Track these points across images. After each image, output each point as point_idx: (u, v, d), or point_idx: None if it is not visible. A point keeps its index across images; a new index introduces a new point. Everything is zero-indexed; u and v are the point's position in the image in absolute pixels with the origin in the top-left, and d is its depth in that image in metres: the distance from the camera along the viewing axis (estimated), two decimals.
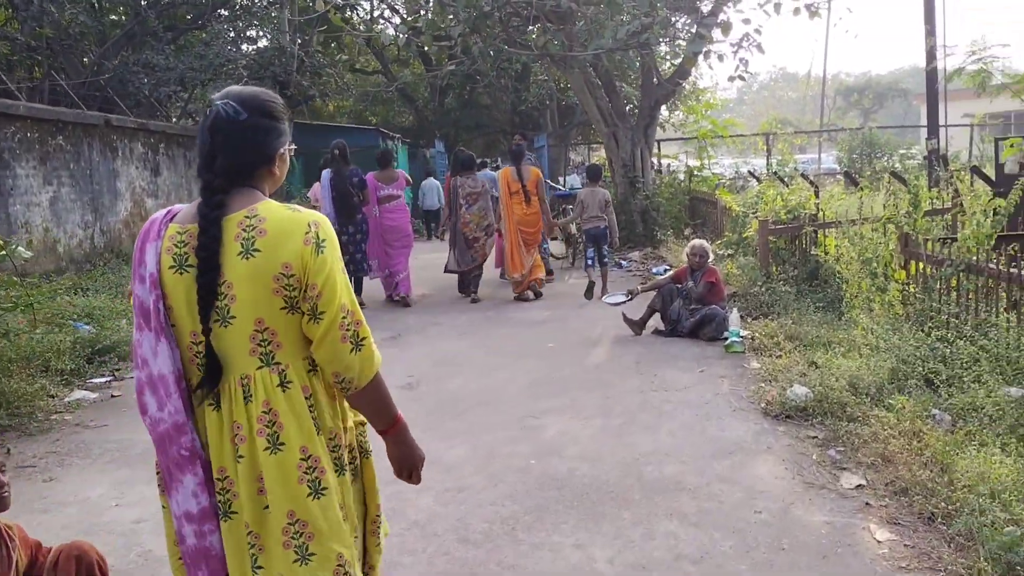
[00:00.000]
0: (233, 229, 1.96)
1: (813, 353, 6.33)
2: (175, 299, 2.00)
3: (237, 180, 2.01)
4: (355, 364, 2.02)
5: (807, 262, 9.05)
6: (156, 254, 2.01)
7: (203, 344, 1.99)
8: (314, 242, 1.97)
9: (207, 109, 2.05)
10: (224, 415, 2.02)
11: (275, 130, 2.07)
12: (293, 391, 2.02)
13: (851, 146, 27.45)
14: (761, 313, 8.06)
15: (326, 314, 1.97)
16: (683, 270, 7.97)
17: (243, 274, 1.95)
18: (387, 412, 2.16)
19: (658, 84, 14.42)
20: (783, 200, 9.98)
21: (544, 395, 6.03)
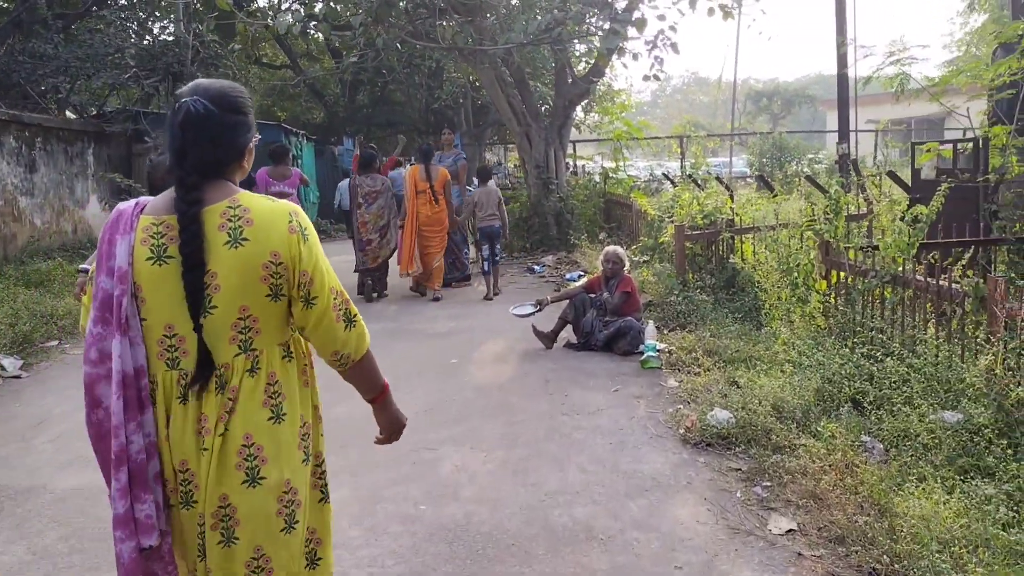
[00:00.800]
0: (215, 219, 1.97)
1: (734, 371, 5.89)
2: (150, 291, 1.98)
3: (210, 174, 2.02)
4: (351, 340, 2.13)
5: (724, 269, 8.68)
6: (129, 247, 1.98)
7: (178, 338, 1.99)
8: (298, 231, 2.03)
9: (175, 105, 2.03)
10: (190, 408, 2.00)
11: (244, 125, 2.10)
12: (258, 377, 2.03)
13: (761, 150, 27.67)
14: (678, 324, 7.62)
15: (319, 299, 2.05)
16: (597, 279, 7.46)
17: (230, 263, 1.95)
18: (377, 381, 2.27)
19: (572, 83, 13.95)
20: (699, 204, 9.60)
21: (441, 422, 5.40)
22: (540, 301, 7.53)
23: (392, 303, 9.97)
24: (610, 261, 7.23)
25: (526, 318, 7.51)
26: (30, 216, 13.53)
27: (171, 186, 2.03)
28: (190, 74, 16.84)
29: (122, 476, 1.97)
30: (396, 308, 9.63)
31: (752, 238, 8.84)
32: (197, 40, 16.82)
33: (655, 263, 9.35)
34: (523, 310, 7.56)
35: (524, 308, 7.59)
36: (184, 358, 2.01)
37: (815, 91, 56.59)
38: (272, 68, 31.06)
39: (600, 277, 7.39)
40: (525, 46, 11.28)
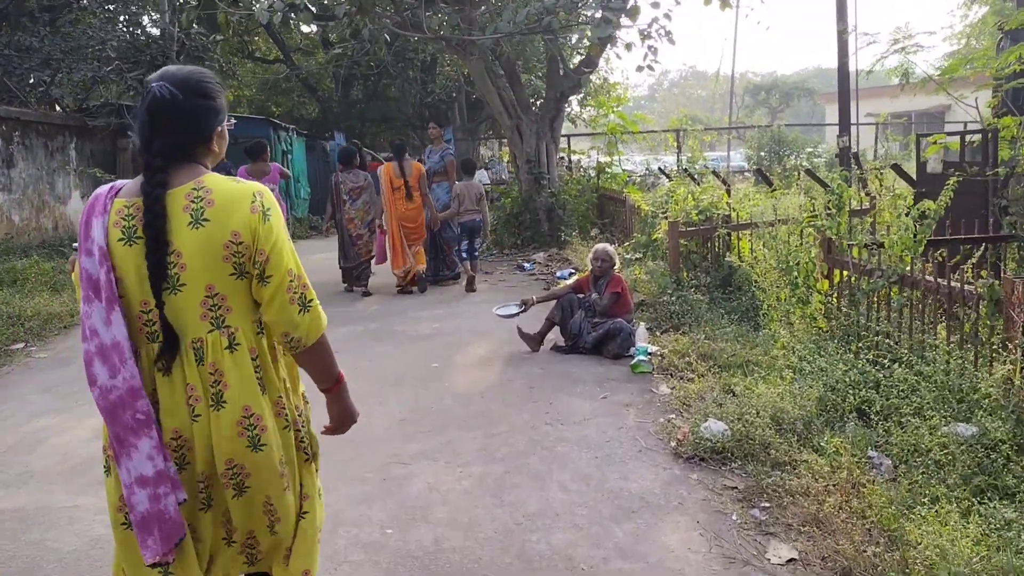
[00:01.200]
0: (180, 201, 2.04)
1: (730, 377, 5.54)
2: (124, 270, 2.05)
3: (176, 158, 2.08)
4: (303, 324, 2.14)
5: (720, 267, 8.32)
6: (104, 228, 2.06)
7: (153, 313, 2.06)
8: (260, 211, 2.08)
9: (144, 91, 2.09)
10: (176, 379, 2.09)
11: (211, 109, 2.14)
12: (240, 352, 2.11)
13: (760, 143, 27.32)
14: (671, 325, 7.26)
15: (273, 277, 2.09)
16: (586, 278, 7.10)
17: (193, 243, 2.02)
18: (331, 371, 2.30)
19: (564, 74, 13.57)
20: (694, 199, 9.24)
21: (417, 433, 5.04)
22: (525, 301, 7.17)
23: (375, 302, 9.61)
24: (599, 259, 6.86)
25: (511, 319, 7.15)
26: (7, 212, 13.15)
27: None
28: None
29: (153, 434, 2.04)
30: (379, 308, 9.27)
31: (750, 235, 8.48)
32: (183, 32, 16.43)
33: (648, 261, 8.99)
34: (507, 310, 7.19)
35: (508, 308, 7.22)
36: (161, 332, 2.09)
37: (814, 84, 56.17)
38: (265, 62, 30.65)
39: (589, 276, 7.03)
40: (514, 36, 10.90)
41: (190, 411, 2.10)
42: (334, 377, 2.32)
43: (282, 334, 2.15)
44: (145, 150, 2.06)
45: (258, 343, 2.17)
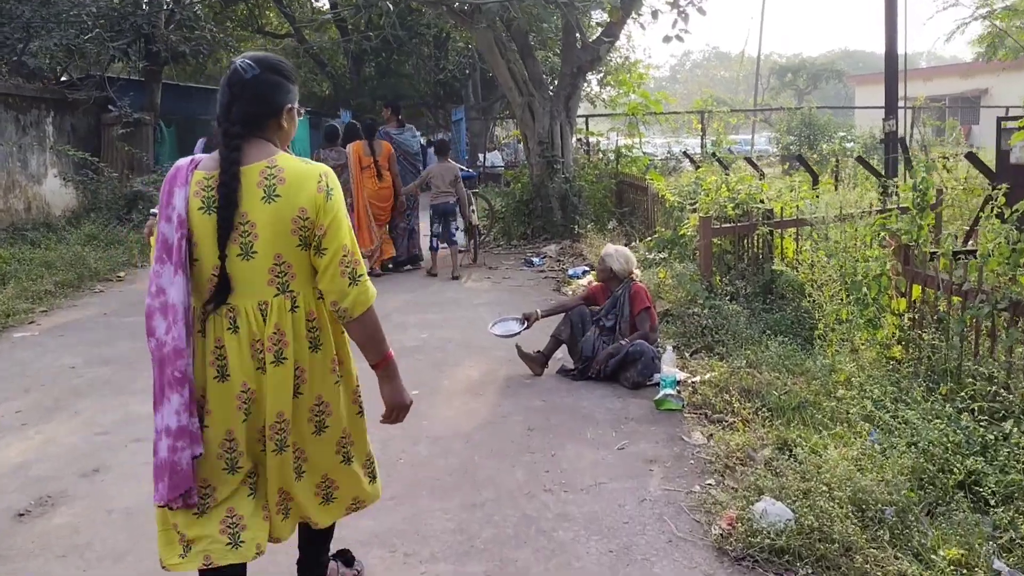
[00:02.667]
0: (255, 177, 2.26)
1: (784, 425, 4.31)
2: (201, 236, 2.26)
3: (250, 127, 2.31)
4: (351, 295, 2.33)
5: (760, 272, 7.07)
6: (184, 198, 2.26)
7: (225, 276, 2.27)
8: (325, 190, 2.30)
9: (228, 67, 2.35)
10: (243, 336, 2.29)
11: (282, 86, 2.37)
12: (299, 314, 2.34)
13: (789, 127, 25.84)
14: (703, 344, 6.03)
15: (328, 250, 2.30)
16: (599, 286, 5.87)
17: (266, 216, 2.25)
18: (379, 345, 2.45)
19: (582, 47, 12.26)
20: (729, 191, 7.97)
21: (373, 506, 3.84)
22: (528, 316, 5.93)
23: None
24: (619, 260, 5.63)
25: (510, 339, 5.90)
26: None
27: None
28: (162, 36, 15.27)
29: (185, 392, 2.23)
30: None
31: (795, 234, 7.22)
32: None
33: (673, 261, 7.72)
34: (505, 328, 5.94)
35: (507, 325, 5.97)
36: (231, 295, 2.29)
37: (842, 66, 54.34)
38: (275, 37, 29.51)
39: (603, 285, 5.81)
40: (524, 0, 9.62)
41: (255, 364, 2.30)
42: (383, 353, 2.46)
43: (332, 303, 2.34)
44: (224, 118, 2.29)
45: (316, 307, 2.38)
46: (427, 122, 33.87)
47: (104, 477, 4.13)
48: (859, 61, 76.82)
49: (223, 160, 2.24)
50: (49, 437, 4.70)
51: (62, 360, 6.30)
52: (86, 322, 7.60)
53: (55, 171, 14.06)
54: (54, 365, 6.17)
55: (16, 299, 8.07)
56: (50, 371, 6.02)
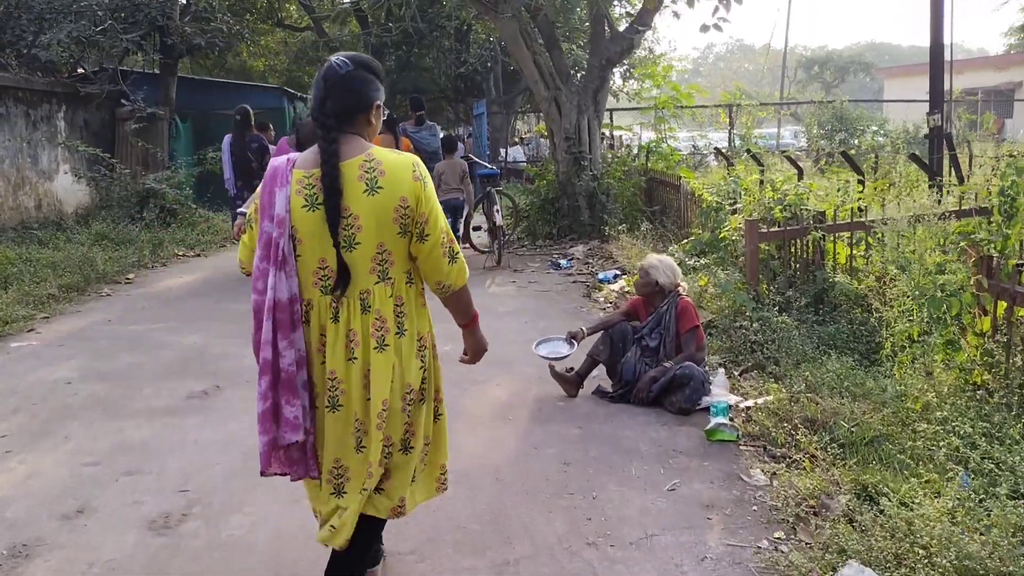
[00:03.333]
0: (355, 171, 2.38)
1: (860, 465, 3.77)
2: (305, 233, 2.39)
3: (343, 121, 2.43)
4: (452, 272, 2.56)
5: (811, 281, 6.51)
6: (286, 197, 2.39)
7: (329, 269, 2.41)
8: (421, 179, 2.43)
9: (323, 64, 2.48)
10: (341, 325, 2.43)
11: (373, 83, 2.50)
12: (393, 299, 2.48)
13: (819, 120, 25.08)
14: (753, 362, 5.48)
15: (431, 236, 2.46)
16: (640, 300, 5.34)
17: (369, 208, 2.37)
18: (469, 310, 2.74)
19: (611, 38, 11.70)
20: (774, 191, 7.40)
21: (389, 556, 3.33)
22: (574, 335, 5.30)
23: None
24: (640, 277, 5.09)
25: (559, 361, 5.33)
26: None
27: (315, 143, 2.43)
28: (177, 28, 14.84)
29: (263, 382, 2.38)
30: None
31: (849, 238, 6.66)
32: None
33: (715, 268, 7.16)
34: (552, 349, 5.31)
35: (555, 346, 5.33)
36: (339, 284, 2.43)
37: (869, 58, 53.25)
38: (295, 30, 29.14)
39: (645, 298, 5.27)
40: None
41: (348, 353, 2.42)
42: (471, 315, 2.74)
43: (436, 282, 2.56)
44: (319, 112, 2.42)
45: (405, 291, 2.52)
46: (448, 116, 33.40)
47: (87, 521, 3.65)
48: (885, 54, 75.68)
49: (324, 155, 2.36)
50: (33, 469, 4.23)
51: (57, 374, 5.85)
52: (88, 330, 7.16)
53: (67, 167, 13.69)
54: (48, 380, 5.72)
55: (16, 304, 7.65)
56: (43, 387, 5.57)
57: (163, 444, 4.50)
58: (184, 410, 5.05)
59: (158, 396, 5.32)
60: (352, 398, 2.43)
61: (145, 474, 4.10)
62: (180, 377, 5.72)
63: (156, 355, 6.30)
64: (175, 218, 12.58)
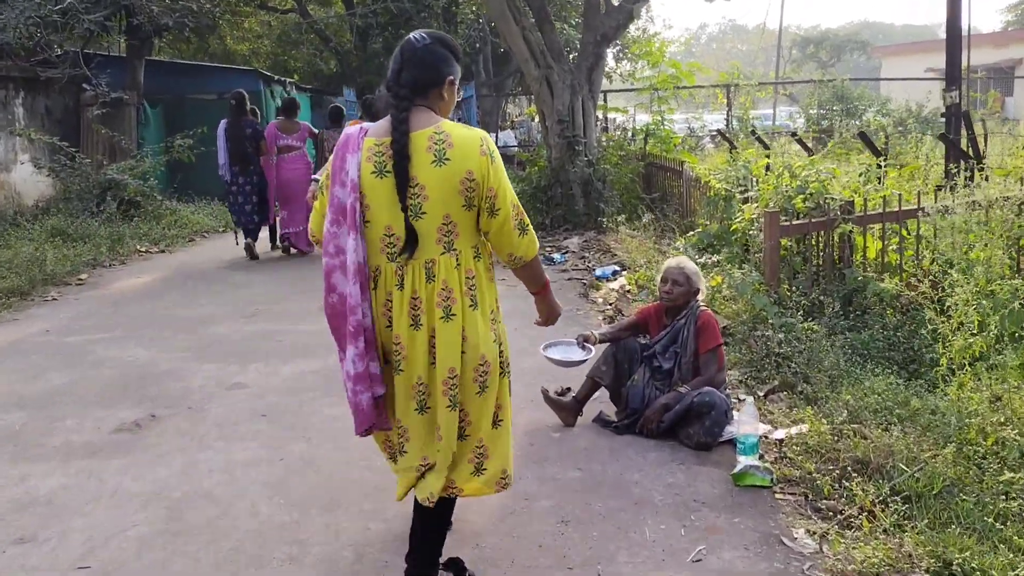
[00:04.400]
0: (424, 142, 2.44)
1: (934, 526, 3.00)
2: (374, 199, 2.48)
3: (416, 93, 2.50)
4: (523, 244, 2.62)
5: (839, 280, 5.73)
6: (357, 164, 2.48)
7: (395, 236, 2.47)
8: (488, 153, 2.48)
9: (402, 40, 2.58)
10: (406, 293, 2.49)
11: (448, 59, 2.57)
12: (460, 272, 2.52)
13: (819, 100, 24.27)
14: (780, 381, 4.70)
15: (501, 210, 2.52)
16: (652, 309, 4.52)
17: (435, 179, 2.43)
18: (541, 279, 2.82)
19: (606, 11, 10.85)
20: (793, 177, 6.60)
21: None
22: (587, 338, 4.33)
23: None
24: (676, 282, 4.27)
25: (573, 367, 4.37)
26: None
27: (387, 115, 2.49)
28: (144, 7, 13.90)
29: (360, 343, 2.48)
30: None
31: (880, 230, 5.89)
32: None
33: (728, 266, 6.35)
34: (565, 353, 4.33)
35: (567, 350, 4.34)
36: (400, 254, 2.49)
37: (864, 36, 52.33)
38: (279, 12, 28.15)
39: (655, 308, 4.46)
40: None
41: (410, 320, 2.48)
42: (543, 283, 2.83)
43: (507, 254, 2.62)
44: (394, 83, 2.50)
45: (474, 265, 2.55)
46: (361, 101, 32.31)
47: None
48: (879, 32, 74.74)
49: (395, 122, 2.43)
50: None
51: None
52: (21, 343, 6.33)
53: (26, 157, 12.80)
54: None
55: None
56: None
57: (73, 498, 3.69)
58: (108, 449, 4.24)
59: (81, 429, 4.51)
60: (415, 362, 2.50)
61: (40, 542, 3.30)
62: (112, 403, 4.91)
63: (91, 374, 5.48)
64: (139, 211, 11.70)
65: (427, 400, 2.55)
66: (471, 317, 2.51)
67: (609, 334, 4.46)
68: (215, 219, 12.95)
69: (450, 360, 2.48)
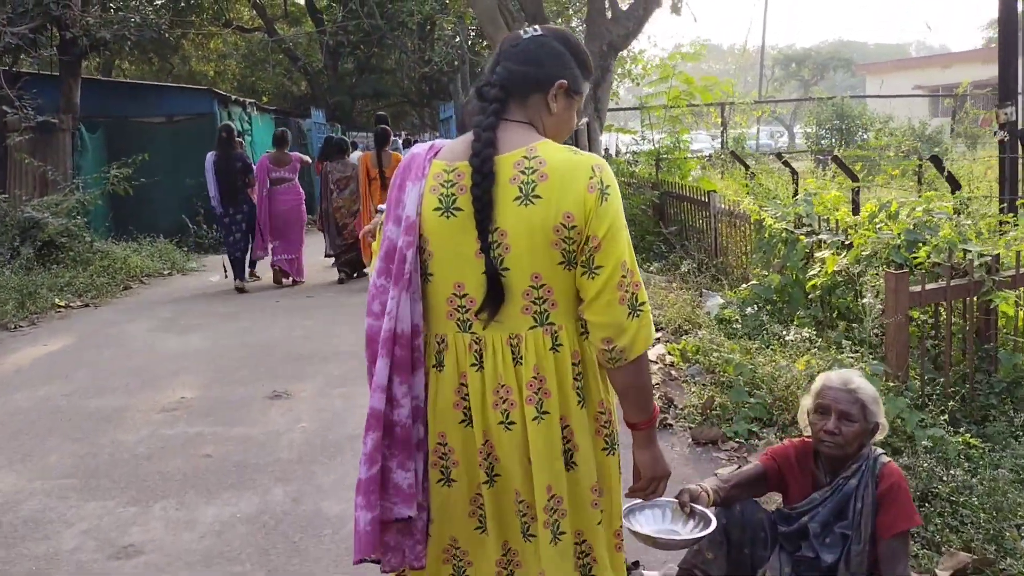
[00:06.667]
0: (509, 170, 1.75)
1: None
2: (438, 245, 1.80)
3: (511, 95, 1.81)
4: (630, 330, 1.77)
5: (987, 363, 4.11)
6: (418, 196, 1.81)
7: (468, 298, 1.80)
8: (598, 188, 1.74)
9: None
10: (487, 376, 1.80)
11: (563, 57, 1.85)
12: (562, 355, 1.80)
13: (819, 119, 22.94)
14: (963, 546, 3.05)
15: (604, 269, 1.74)
16: (789, 452, 2.77)
17: (520, 222, 1.72)
18: (647, 399, 1.88)
19: (613, 17, 9.28)
20: (890, 219, 4.99)
21: None
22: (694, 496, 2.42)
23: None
24: (845, 416, 2.55)
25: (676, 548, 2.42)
26: None
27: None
28: (75, 19, 12.15)
29: (369, 440, 1.81)
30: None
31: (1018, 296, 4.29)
32: None
33: (825, 346, 4.66)
34: (658, 524, 2.27)
35: (658, 516, 2.28)
36: (476, 321, 1.80)
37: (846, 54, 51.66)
38: (244, 31, 26.68)
39: (799, 450, 2.75)
40: None
41: (502, 416, 1.80)
42: (649, 409, 1.88)
43: (603, 340, 1.78)
44: (485, 78, 1.86)
45: (581, 346, 1.84)
46: (412, 122, 31.01)
47: None
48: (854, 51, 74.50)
49: (476, 137, 1.75)
50: None
51: None
52: None
53: None
54: None
55: None
56: None
57: None
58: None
59: None
60: (513, 473, 1.82)
61: None
62: None
63: None
64: (62, 254, 9.89)
65: (531, 525, 1.85)
66: (579, 417, 1.81)
67: (720, 491, 2.70)
68: (160, 260, 11.18)
69: (547, 475, 1.79)
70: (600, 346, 1.80)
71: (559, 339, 1.80)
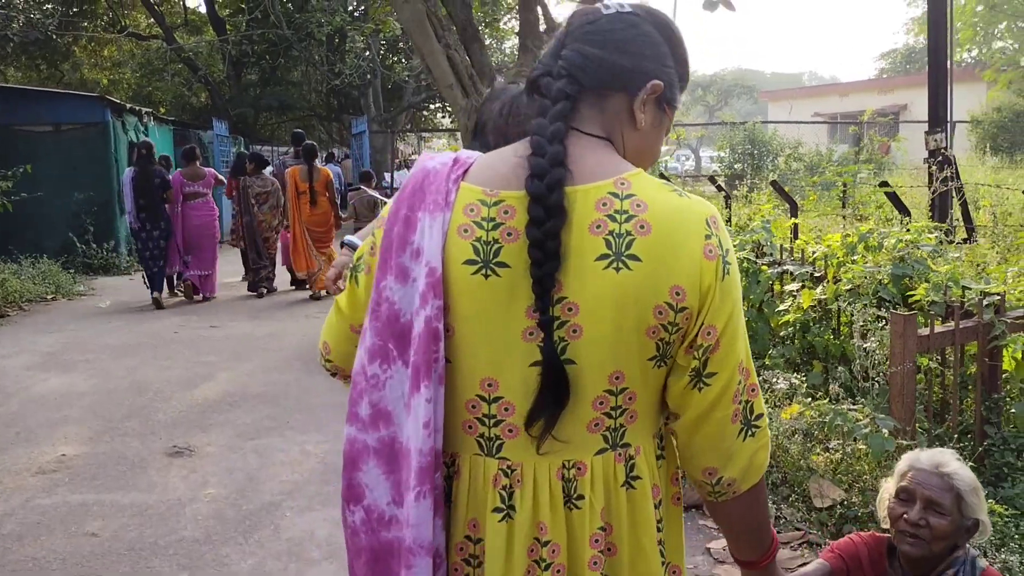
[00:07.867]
0: (590, 212, 1.13)
1: None
2: (466, 317, 1.15)
3: (584, 94, 1.19)
4: (742, 455, 1.21)
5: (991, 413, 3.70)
6: (442, 234, 1.14)
7: (503, 402, 1.16)
8: (718, 254, 1.15)
9: None
10: (519, 525, 1.16)
11: (659, 48, 1.22)
12: (640, 492, 1.20)
13: (732, 144, 23.15)
14: None
15: (718, 377, 1.17)
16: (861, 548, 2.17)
17: (604, 294, 1.11)
18: (764, 534, 1.30)
19: (547, 29, 8.79)
20: (868, 250, 4.59)
21: None
22: None
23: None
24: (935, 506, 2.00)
25: None
26: None
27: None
28: None
29: None
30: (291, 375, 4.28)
31: None
32: None
33: (814, 395, 4.18)
34: None
35: None
36: (511, 439, 1.17)
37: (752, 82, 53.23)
38: (141, 39, 25.28)
39: (871, 546, 2.19)
40: None
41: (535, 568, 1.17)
42: (766, 543, 1.30)
43: (705, 471, 1.23)
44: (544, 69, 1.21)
45: (660, 476, 1.25)
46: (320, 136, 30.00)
47: None
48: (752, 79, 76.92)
49: (537, 153, 1.11)
50: None
51: None
52: None
53: None
54: None
55: None
56: None
57: None
58: None
59: None
60: None
61: None
62: None
63: None
64: None
65: None
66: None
67: None
68: (43, 283, 10.07)
69: None
70: (699, 477, 1.26)
71: (636, 469, 1.20)
